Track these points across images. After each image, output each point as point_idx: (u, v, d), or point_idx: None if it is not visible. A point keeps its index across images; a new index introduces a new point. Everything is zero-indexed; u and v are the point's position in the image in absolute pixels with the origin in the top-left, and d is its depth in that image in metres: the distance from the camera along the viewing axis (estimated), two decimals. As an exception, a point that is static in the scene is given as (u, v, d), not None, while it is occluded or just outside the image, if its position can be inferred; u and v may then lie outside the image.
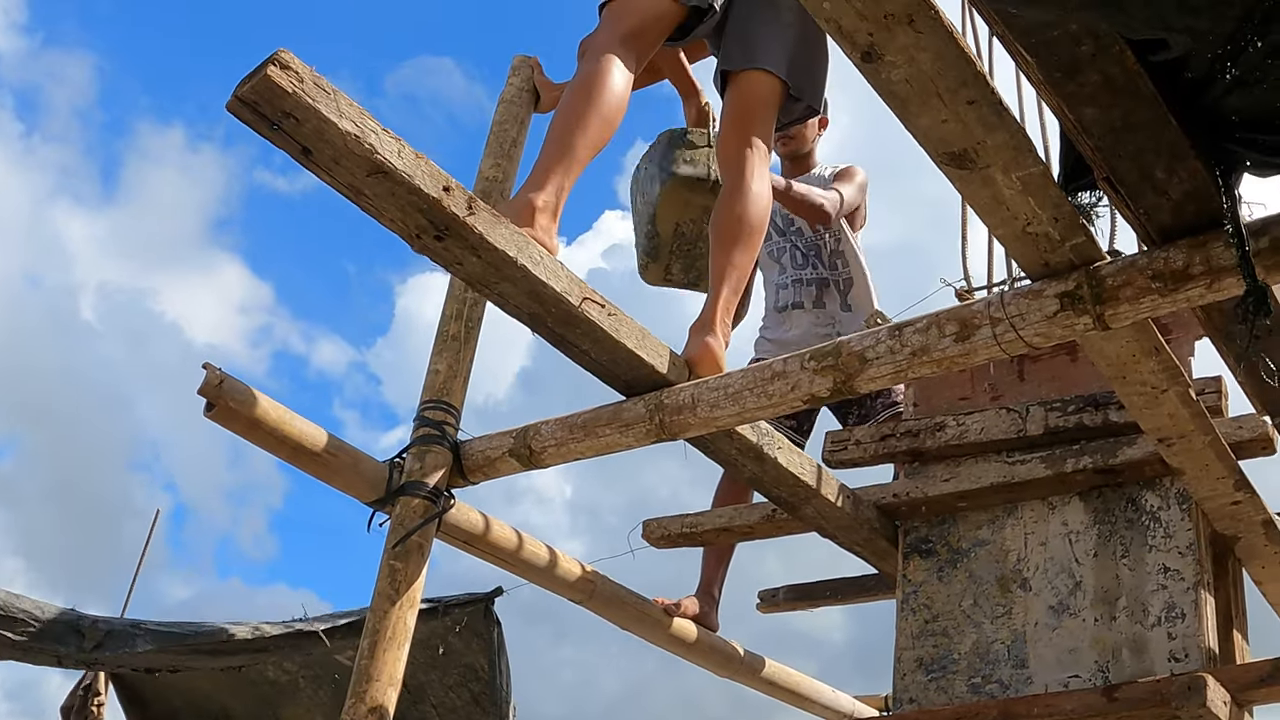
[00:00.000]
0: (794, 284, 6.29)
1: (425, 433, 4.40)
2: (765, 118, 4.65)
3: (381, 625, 4.05)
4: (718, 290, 4.30)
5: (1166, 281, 3.07)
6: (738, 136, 4.57)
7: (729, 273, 4.34)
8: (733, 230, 4.41)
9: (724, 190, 4.54)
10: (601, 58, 4.26)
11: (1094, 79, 2.61)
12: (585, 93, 4.18)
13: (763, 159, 4.57)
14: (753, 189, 4.47)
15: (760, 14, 4.69)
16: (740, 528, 5.35)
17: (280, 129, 2.99)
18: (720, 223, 4.46)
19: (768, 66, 4.62)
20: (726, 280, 4.33)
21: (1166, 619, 4.24)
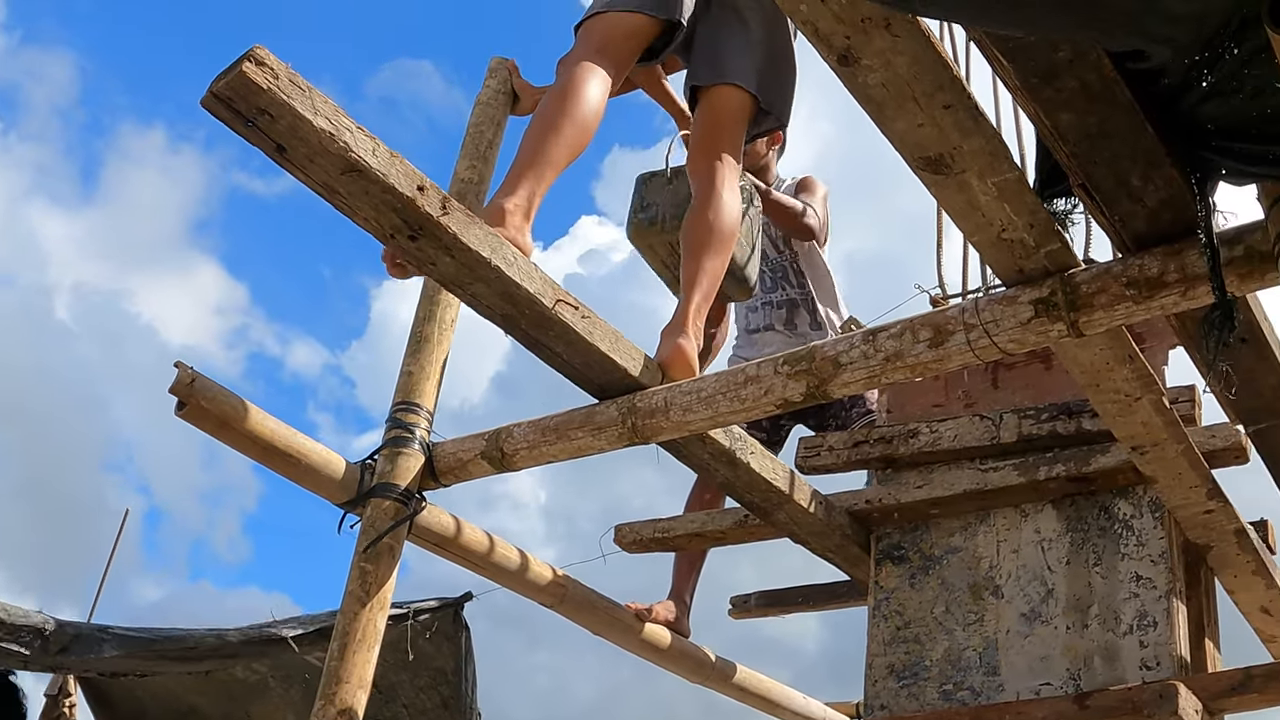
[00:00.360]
0: (764, 306, 6.31)
1: (397, 434, 4.40)
2: (735, 131, 4.67)
3: (351, 627, 4.05)
4: (690, 294, 4.31)
5: (1141, 289, 3.07)
6: (708, 150, 4.59)
7: (700, 278, 4.34)
8: (704, 237, 4.43)
9: (695, 200, 4.55)
10: (577, 67, 4.29)
11: (1071, 85, 2.61)
12: (560, 100, 4.19)
13: (733, 170, 4.59)
14: (724, 198, 4.49)
15: (728, 29, 4.72)
16: (712, 533, 5.35)
17: (255, 126, 2.98)
18: (691, 231, 4.49)
19: (737, 81, 4.64)
20: (698, 285, 4.33)
21: (1138, 627, 4.24)
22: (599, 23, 4.47)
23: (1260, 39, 2.18)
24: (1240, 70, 2.40)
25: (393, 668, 6.01)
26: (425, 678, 6.27)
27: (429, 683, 6.29)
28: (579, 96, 4.20)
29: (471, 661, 6.20)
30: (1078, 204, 3.16)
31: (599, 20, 4.48)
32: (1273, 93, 2.40)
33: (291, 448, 4.21)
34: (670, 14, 4.54)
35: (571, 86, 4.22)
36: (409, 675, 6.21)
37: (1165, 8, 2.20)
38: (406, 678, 6.23)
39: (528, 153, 4.07)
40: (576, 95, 4.19)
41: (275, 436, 4.17)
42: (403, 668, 6.10)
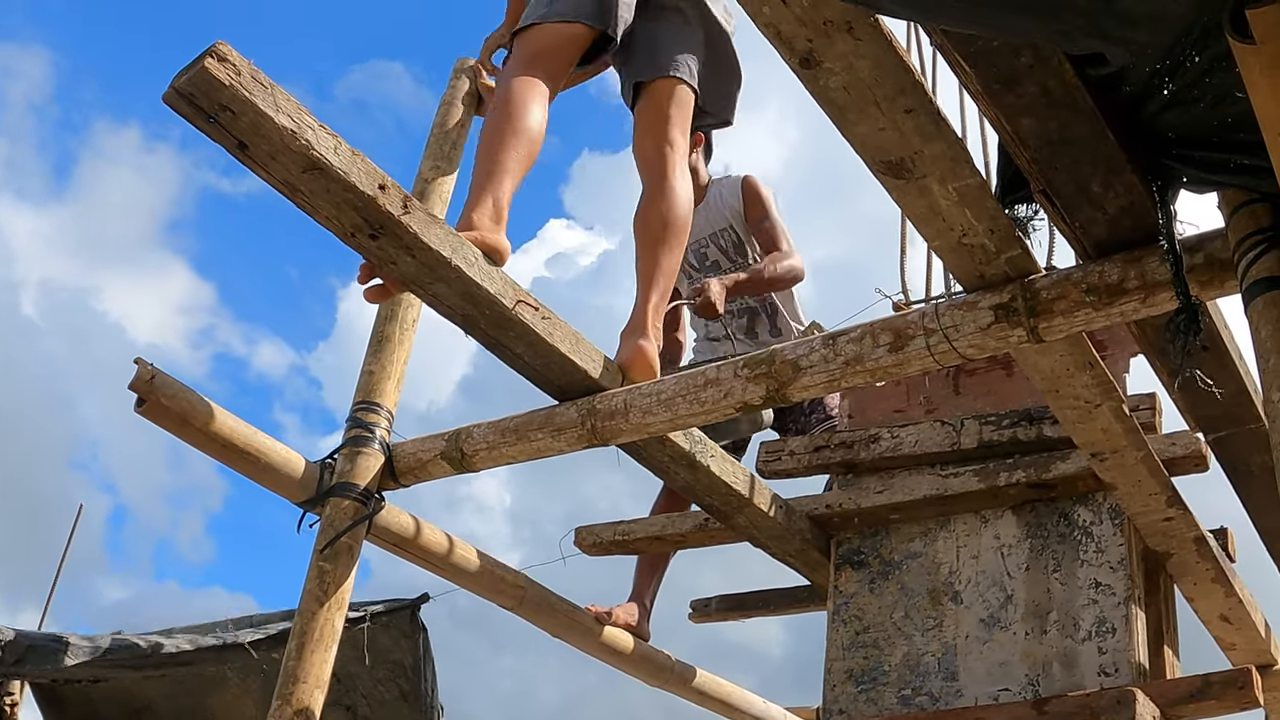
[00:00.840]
0: (724, 315, 6.29)
1: (357, 434, 4.38)
2: (680, 118, 4.64)
3: (309, 627, 4.02)
4: (647, 293, 4.29)
5: (1101, 295, 3.07)
6: (654, 137, 4.57)
7: (657, 276, 4.32)
8: (657, 231, 4.41)
9: (645, 191, 4.53)
10: (513, 79, 4.30)
11: (1032, 90, 2.61)
12: (504, 115, 4.18)
13: (682, 157, 4.57)
14: (675, 188, 4.47)
15: (669, 27, 4.72)
16: (672, 536, 5.34)
17: (216, 122, 2.96)
18: (644, 224, 4.46)
19: (679, 75, 4.64)
20: (655, 283, 4.31)
21: (1097, 633, 4.24)
22: (536, 33, 4.47)
23: (1221, 47, 2.18)
24: (1201, 79, 2.40)
25: (351, 659, 6.00)
26: (384, 670, 6.27)
27: (387, 675, 6.29)
28: (520, 111, 4.19)
29: (430, 661, 6.20)
30: (1039, 210, 3.16)
31: (536, 31, 4.47)
32: (1233, 101, 2.40)
33: (251, 446, 4.18)
34: (605, 24, 4.53)
35: (512, 101, 4.21)
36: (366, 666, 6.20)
37: (1123, 9, 2.20)
38: (364, 669, 6.22)
39: (483, 167, 4.07)
40: (518, 109, 4.19)
41: (235, 434, 4.14)
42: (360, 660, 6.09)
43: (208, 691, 6.63)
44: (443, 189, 4.86)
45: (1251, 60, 2.12)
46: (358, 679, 6.26)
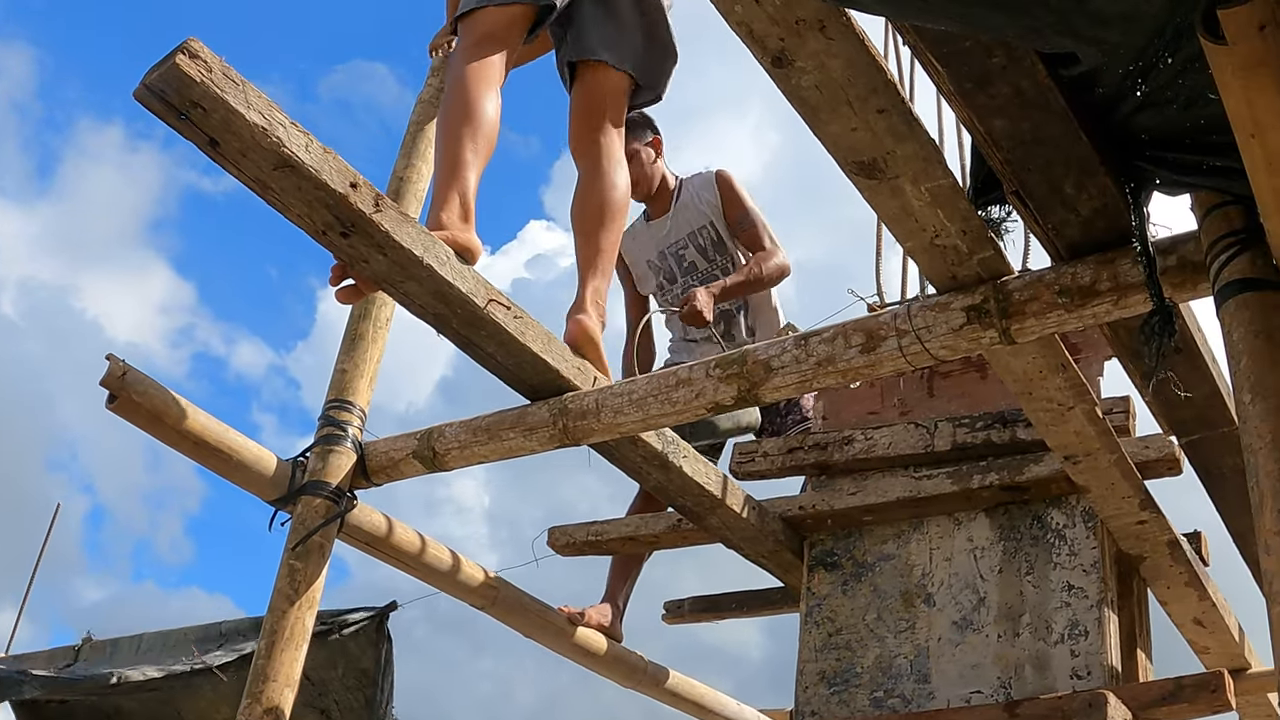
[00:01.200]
0: None
1: (329, 432, 4.37)
2: (616, 106, 4.67)
3: (280, 625, 4.01)
4: (587, 276, 4.33)
5: (1073, 297, 3.07)
6: (589, 125, 4.60)
7: (598, 260, 4.36)
8: (595, 217, 4.43)
9: (582, 178, 4.55)
10: (462, 68, 4.27)
11: (1005, 91, 2.60)
12: (456, 108, 4.18)
13: (617, 144, 4.60)
14: (610, 174, 4.50)
15: (607, 11, 4.72)
16: (646, 537, 5.32)
17: (188, 119, 2.95)
18: (583, 209, 4.48)
19: (613, 61, 4.65)
20: (596, 266, 4.35)
21: (1069, 636, 4.23)
22: (479, 18, 4.41)
23: (1194, 48, 2.17)
24: (1174, 80, 2.40)
25: (321, 664, 5.98)
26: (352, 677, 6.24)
27: (356, 683, 6.26)
28: (472, 101, 4.17)
29: (390, 672, 6.17)
30: (1012, 212, 3.16)
31: (478, 15, 4.42)
32: (1206, 103, 2.39)
33: (223, 443, 4.16)
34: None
35: (463, 92, 4.20)
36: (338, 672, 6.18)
37: (1095, 8, 2.19)
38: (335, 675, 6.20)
39: (445, 164, 4.06)
40: (470, 100, 4.18)
41: (207, 432, 4.12)
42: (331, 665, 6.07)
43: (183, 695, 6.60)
44: (418, 187, 4.86)
45: (1224, 61, 2.12)
46: (330, 684, 6.23)
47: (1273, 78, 2.13)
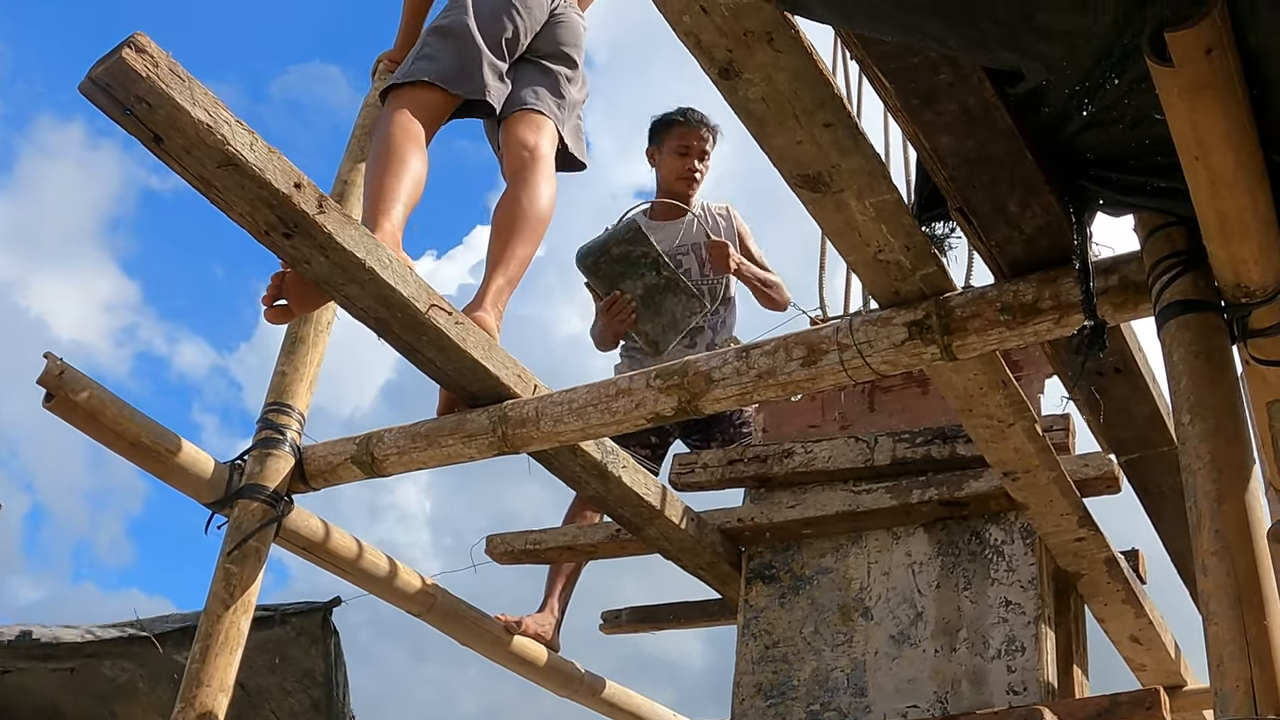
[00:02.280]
0: None
1: (267, 435, 4.34)
2: (548, 138, 4.76)
3: (214, 630, 3.99)
4: (494, 275, 4.33)
5: (1015, 314, 3.08)
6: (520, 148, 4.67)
7: (508, 262, 4.37)
8: (515, 220, 4.46)
9: (511, 185, 4.59)
10: (388, 128, 4.38)
11: (951, 108, 2.61)
12: (382, 155, 4.29)
13: (549, 165, 4.68)
14: (539, 185, 4.55)
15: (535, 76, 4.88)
16: (584, 546, 5.31)
17: (132, 114, 2.93)
18: (505, 213, 4.50)
19: (540, 109, 4.78)
20: (504, 268, 4.35)
21: (1006, 652, 4.24)
22: (410, 92, 4.56)
23: (1140, 69, 2.18)
24: (1121, 100, 2.40)
25: (260, 671, 5.93)
26: (293, 680, 6.20)
27: (297, 686, 6.21)
28: (400, 154, 4.29)
29: (342, 666, 6.13)
30: (956, 229, 3.16)
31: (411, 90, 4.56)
32: (1151, 123, 2.40)
33: (160, 445, 4.13)
34: (467, 90, 4.65)
35: (391, 147, 4.31)
36: (277, 679, 6.13)
37: (1041, 23, 2.19)
38: (274, 681, 6.15)
39: (375, 199, 4.13)
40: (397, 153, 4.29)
41: (144, 433, 4.09)
42: (270, 671, 6.03)
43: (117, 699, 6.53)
44: (362, 190, 4.82)
45: (1170, 83, 2.12)
46: (268, 692, 6.19)
47: (1218, 100, 2.14)
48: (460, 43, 4.62)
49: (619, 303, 5.63)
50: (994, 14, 2.20)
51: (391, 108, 4.45)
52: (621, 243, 5.65)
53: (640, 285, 5.59)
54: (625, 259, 5.63)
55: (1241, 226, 2.47)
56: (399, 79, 4.57)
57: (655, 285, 5.56)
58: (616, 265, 5.64)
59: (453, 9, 4.75)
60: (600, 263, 5.68)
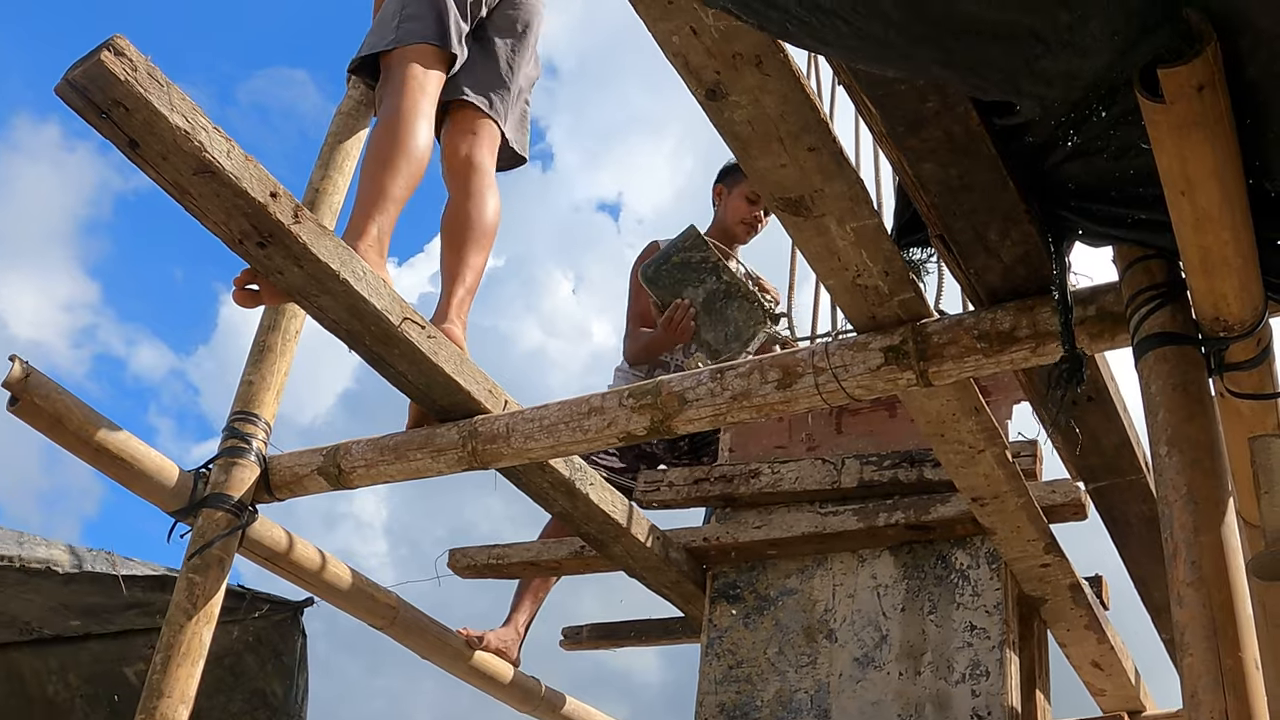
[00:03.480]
0: None
1: (233, 444, 4.31)
2: (489, 143, 4.73)
3: (176, 640, 3.95)
4: (454, 288, 4.32)
5: (992, 343, 3.08)
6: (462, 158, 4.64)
7: (465, 272, 4.36)
8: (465, 232, 4.45)
9: (455, 197, 4.56)
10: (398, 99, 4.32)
11: (936, 135, 2.61)
12: (392, 134, 4.20)
13: (491, 173, 4.66)
14: (484, 196, 4.54)
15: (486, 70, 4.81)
16: (547, 562, 5.29)
17: (109, 118, 2.91)
18: (456, 223, 4.49)
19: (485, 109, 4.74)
20: (462, 279, 4.35)
21: (971, 676, 4.24)
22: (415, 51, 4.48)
23: (1129, 103, 2.18)
24: (1106, 131, 2.41)
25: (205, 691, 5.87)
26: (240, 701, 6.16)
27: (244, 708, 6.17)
28: (408, 133, 4.22)
29: (305, 670, 6.10)
30: (933, 254, 3.17)
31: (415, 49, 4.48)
32: (1136, 154, 2.40)
33: (125, 452, 4.09)
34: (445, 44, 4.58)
35: (399, 124, 4.23)
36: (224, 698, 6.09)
37: (1041, 68, 2.19)
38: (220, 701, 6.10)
39: (369, 192, 4.06)
40: (406, 133, 4.21)
41: (108, 439, 4.05)
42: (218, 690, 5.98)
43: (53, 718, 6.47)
44: (333, 200, 4.81)
45: (1160, 119, 2.13)
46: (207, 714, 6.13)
47: (1207, 138, 2.14)
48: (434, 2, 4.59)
49: (680, 309, 5.59)
50: (997, 63, 2.20)
51: (400, 74, 4.41)
52: (681, 250, 5.62)
53: (702, 292, 5.55)
54: (685, 265, 5.59)
55: (1223, 262, 2.48)
56: (388, 45, 4.50)
57: (716, 291, 5.52)
58: (676, 272, 5.60)
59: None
60: (661, 271, 5.65)
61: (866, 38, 2.11)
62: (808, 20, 2.09)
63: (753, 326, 5.47)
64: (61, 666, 6.26)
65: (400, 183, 4.09)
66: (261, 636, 5.99)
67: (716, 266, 5.55)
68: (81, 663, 6.17)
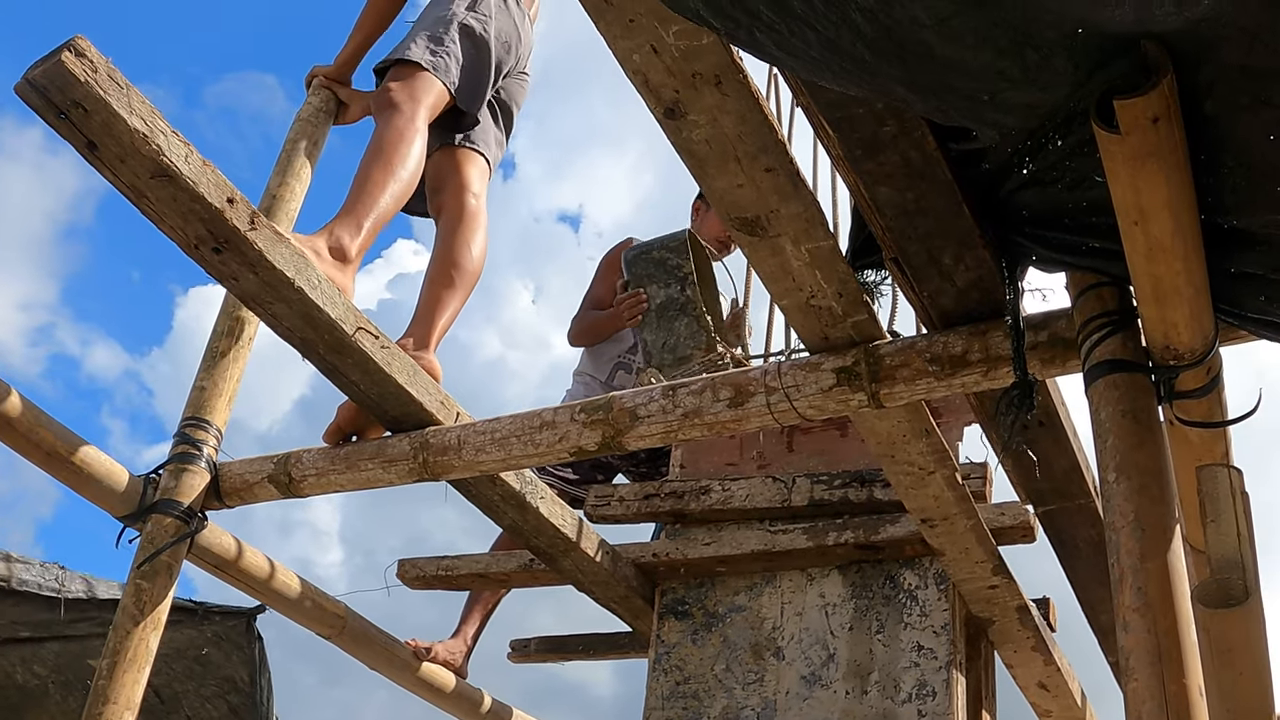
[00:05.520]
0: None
1: (184, 450, 4.28)
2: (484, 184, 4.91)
3: (123, 646, 3.92)
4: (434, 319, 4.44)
5: (944, 366, 3.09)
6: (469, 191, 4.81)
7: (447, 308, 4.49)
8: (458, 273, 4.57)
9: (456, 234, 4.68)
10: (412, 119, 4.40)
11: (893, 159, 2.62)
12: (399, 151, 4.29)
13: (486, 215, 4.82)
14: (480, 239, 4.71)
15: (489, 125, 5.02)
16: (496, 575, 5.28)
17: (67, 119, 2.90)
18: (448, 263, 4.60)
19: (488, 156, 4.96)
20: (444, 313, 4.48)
21: (917, 696, 4.25)
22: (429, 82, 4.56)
23: (1084, 133, 2.19)
24: (1062, 161, 2.42)
25: (178, 677, 5.88)
26: (212, 686, 6.14)
27: (216, 691, 6.16)
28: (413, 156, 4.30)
29: (266, 671, 6.09)
30: (887, 276, 3.18)
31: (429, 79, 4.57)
32: (1091, 185, 2.42)
33: (74, 455, 4.07)
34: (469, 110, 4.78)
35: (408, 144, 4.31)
36: (194, 684, 6.08)
37: (1004, 99, 2.20)
38: (192, 687, 6.09)
39: (362, 198, 4.12)
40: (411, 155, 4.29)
41: (58, 442, 4.02)
42: (188, 677, 5.97)
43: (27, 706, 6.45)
44: (290, 206, 4.78)
45: (1115, 150, 2.14)
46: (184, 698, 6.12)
47: (1161, 169, 2.16)
48: (480, 56, 4.74)
49: (635, 299, 5.60)
50: (961, 91, 2.21)
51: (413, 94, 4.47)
52: (663, 247, 5.63)
53: (662, 294, 5.55)
54: (660, 264, 5.60)
55: (1175, 291, 2.50)
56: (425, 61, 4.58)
57: (673, 299, 5.52)
58: (651, 266, 5.61)
59: (480, 11, 4.79)
60: (639, 258, 5.66)
61: (834, 49, 2.11)
62: (777, 27, 2.09)
63: (691, 348, 5.48)
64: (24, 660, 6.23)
65: (392, 203, 4.18)
66: (222, 634, 5.98)
67: (685, 278, 5.55)
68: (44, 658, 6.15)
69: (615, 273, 6.34)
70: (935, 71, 2.14)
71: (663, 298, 5.55)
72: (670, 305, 5.51)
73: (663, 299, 5.55)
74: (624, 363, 6.27)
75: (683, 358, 5.47)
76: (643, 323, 5.54)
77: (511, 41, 4.87)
